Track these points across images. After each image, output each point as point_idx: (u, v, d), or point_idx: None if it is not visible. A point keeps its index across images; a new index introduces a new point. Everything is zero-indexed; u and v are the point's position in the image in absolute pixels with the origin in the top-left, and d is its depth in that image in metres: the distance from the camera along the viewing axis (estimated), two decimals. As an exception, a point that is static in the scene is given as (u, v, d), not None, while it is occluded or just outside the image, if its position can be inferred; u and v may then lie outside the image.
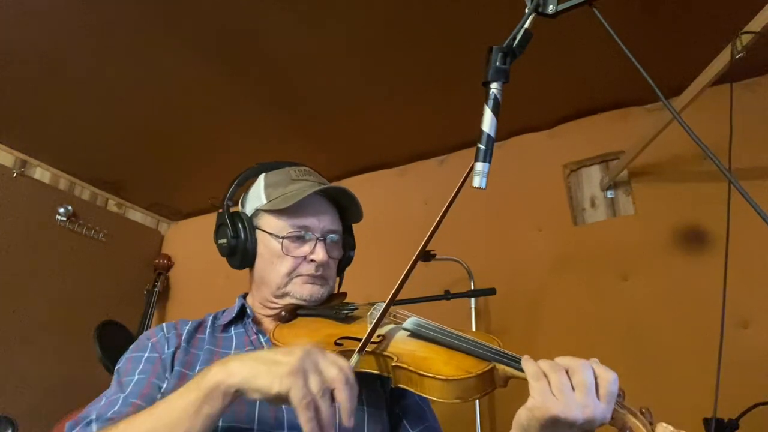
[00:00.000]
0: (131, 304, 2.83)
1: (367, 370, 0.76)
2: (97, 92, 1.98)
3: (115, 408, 0.77)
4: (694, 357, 1.68)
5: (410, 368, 0.70)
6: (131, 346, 0.91)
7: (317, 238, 0.94)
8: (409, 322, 0.82)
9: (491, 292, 1.78)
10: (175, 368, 0.84)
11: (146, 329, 2.69)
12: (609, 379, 0.62)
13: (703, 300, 1.72)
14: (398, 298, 1.69)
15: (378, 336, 0.79)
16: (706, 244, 1.81)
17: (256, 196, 0.98)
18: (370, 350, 0.75)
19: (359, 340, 0.78)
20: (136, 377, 0.82)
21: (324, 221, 0.96)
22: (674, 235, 1.87)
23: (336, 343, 0.79)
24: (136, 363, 0.85)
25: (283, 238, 0.92)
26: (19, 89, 1.97)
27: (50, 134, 2.30)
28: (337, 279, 1.04)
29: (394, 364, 0.72)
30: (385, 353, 0.74)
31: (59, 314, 2.50)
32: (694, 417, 1.39)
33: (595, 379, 0.62)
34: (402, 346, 0.77)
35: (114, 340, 2.24)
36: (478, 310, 1.98)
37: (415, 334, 0.80)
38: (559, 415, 0.60)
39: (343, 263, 1.06)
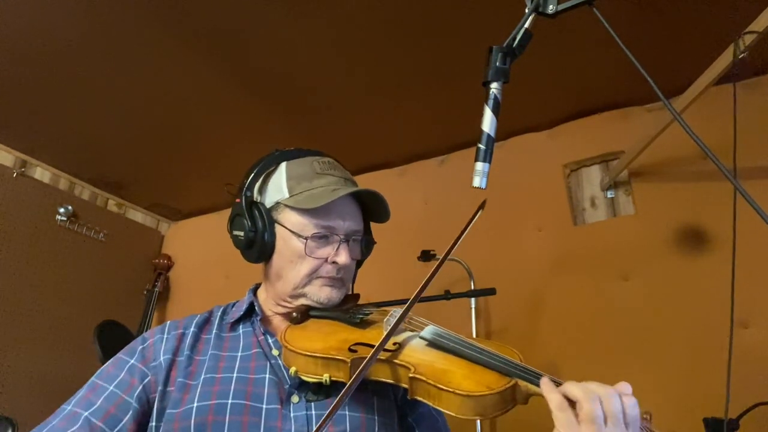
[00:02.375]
0: (131, 304, 2.83)
1: (382, 379, 0.74)
2: (97, 92, 1.98)
3: (74, 429, 0.76)
4: (695, 357, 1.68)
5: (429, 381, 0.67)
6: (128, 345, 0.89)
7: (341, 240, 0.89)
8: (428, 331, 0.79)
9: (491, 292, 1.78)
10: (177, 380, 0.81)
11: (146, 329, 2.69)
12: (630, 404, 0.59)
13: (703, 300, 1.72)
14: (399, 298, 1.68)
15: (394, 344, 0.76)
16: (707, 244, 1.81)
17: (277, 187, 0.91)
18: (385, 359, 0.73)
19: (374, 347, 0.76)
20: (110, 389, 0.81)
21: (349, 222, 0.91)
22: (674, 235, 1.87)
23: (350, 350, 0.76)
24: (118, 369, 0.84)
25: (307, 238, 0.87)
26: (20, 89, 1.97)
27: (50, 134, 2.30)
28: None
29: (411, 375, 0.69)
30: (401, 363, 0.72)
31: (59, 314, 2.50)
32: (694, 417, 1.39)
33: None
34: (419, 356, 0.74)
35: (114, 340, 2.23)
36: (478, 310, 1.98)
37: (433, 344, 0.76)
38: None
39: (362, 259, 1.01)
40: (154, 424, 0.79)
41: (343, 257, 0.88)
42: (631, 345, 1.80)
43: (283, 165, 0.93)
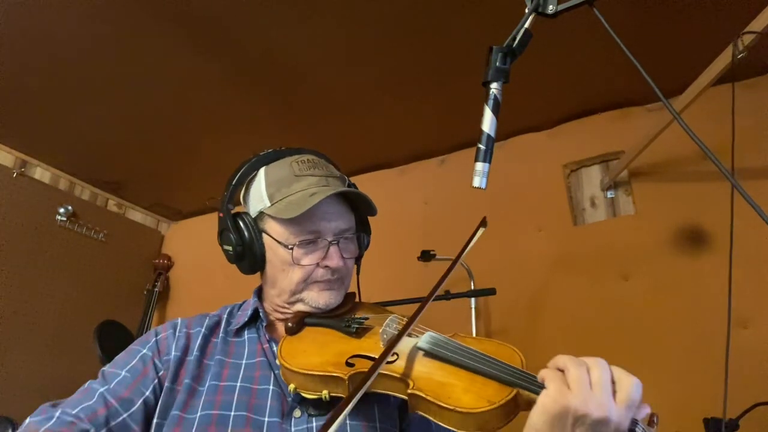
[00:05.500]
0: (131, 304, 2.84)
1: (381, 391, 0.73)
2: (97, 92, 1.98)
3: (89, 403, 0.76)
4: (695, 357, 1.68)
5: (428, 398, 0.66)
6: (139, 338, 0.89)
7: (330, 242, 0.86)
8: (425, 341, 0.76)
9: (491, 292, 1.78)
10: (185, 381, 0.80)
11: (146, 329, 2.70)
12: (629, 383, 0.59)
13: (703, 300, 1.72)
14: (399, 298, 1.68)
15: (393, 354, 0.74)
16: (707, 244, 1.81)
17: (258, 196, 0.89)
18: (384, 371, 0.72)
19: (371, 358, 0.75)
20: (122, 374, 0.81)
21: (335, 222, 0.87)
22: (674, 235, 1.87)
23: (347, 363, 0.75)
24: (130, 357, 0.84)
25: (293, 247, 0.85)
26: (20, 90, 1.97)
27: (50, 134, 2.30)
28: (355, 267, 0.98)
29: (410, 391, 0.68)
30: (400, 376, 0.71)
31: (59, 314, 2.50)
32: (694, 417, 1.39)
33: (614, 382, 0.60)
34: (418, 367, 0.73)
35: (114, 340, 2.24)
36: (478, 310, 1.98)
37: (431, 354, 0.75)
38: (575, 408, 0.57)
39: (361, 253, 0.98)
40: (156, 420, 0.78)
41: (333, 260, 0.86)
42: (631, 345, 1.80)
43: (262, 170, 0.91)
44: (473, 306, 1.96)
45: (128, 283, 2.88)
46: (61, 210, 2.55)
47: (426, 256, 1.98)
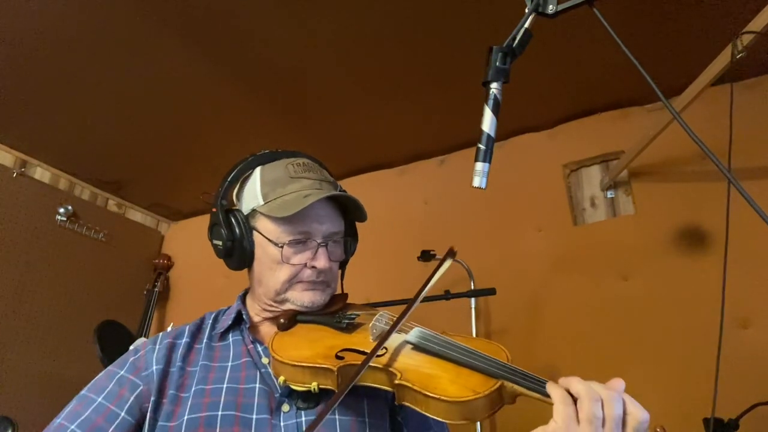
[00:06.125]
0: (131, 304, 2.83)
1: (370, 384, 0.74)
2: (97, 92, 1.98)
3: None
4: (695, 357, 1.68)
5: (415, 387, 0.67)
6: (121, 356, 0.89)
7: (319, 244, 0.88)
8: (414, 335, 0.78)
9: (491, 292, 1.78)
10: (170, 392, 0.81)
11: (146, 329, 2.70)
12: (639, 418, 0.58)
13: (702, 300, 1.72)
14: (398, 298, 1.68)
15: (382, 348, 0.75)
16: (706, 244, 1.81)
17: (252, 194, 0.91)
18: (373, 364, 0.73)
19: (361, 352, 0.76)
20: (98, 401, 0.81)
21: (326, 224, 0.90)
22: (674, 235, 1.87)
23: (337, 356, 0.77)
24: (107, 380, 0.84)
25: (283, 245, 0.87)
26: (20, 89, 1.97)
27: (50, 134, 2.30)
28: (339, 272, 0.99)
29: (397, 381, 0.69)
30: (388, 368, 0.72)
31: (59, 314, 2.50)
32: (694, 417, 1.40)
33: (625, 414, 0.59)
34: (406, 360, 0.74)
35: (114, 340, 2.23)
36: (478, 310, 1.98)
37: (419, 348, 0.76)
38: None
39: (346, 258, 1.00)
40: None
41: (321, 261, 0.88)
42: (631, 345, 1.80)
43: (258, 170, 0.93)
44: (473, 306, 1.96)
45: (128, 283, 2.87)
46: (61, 210, 2.55)
47: (426, 256, 1.98)
